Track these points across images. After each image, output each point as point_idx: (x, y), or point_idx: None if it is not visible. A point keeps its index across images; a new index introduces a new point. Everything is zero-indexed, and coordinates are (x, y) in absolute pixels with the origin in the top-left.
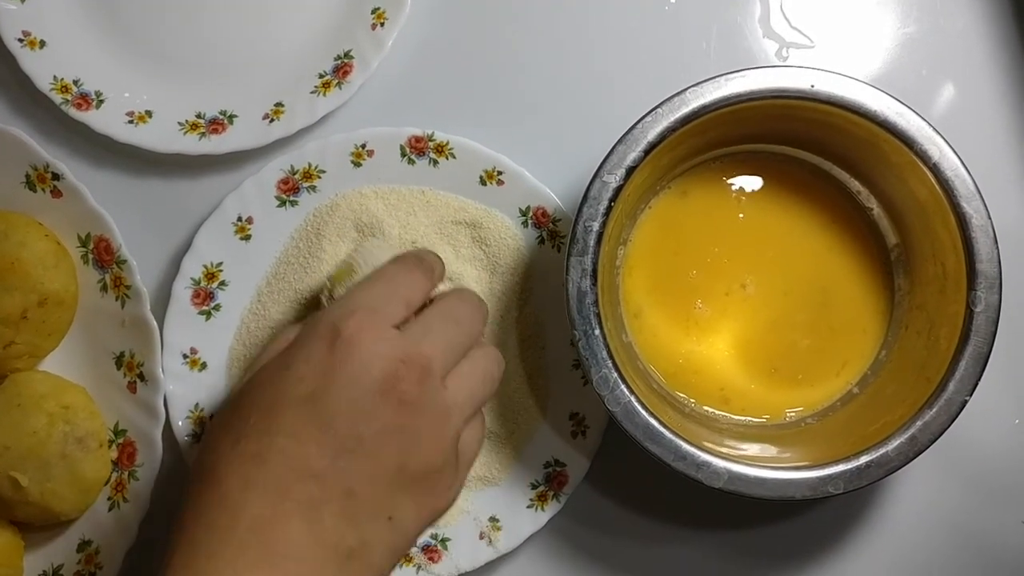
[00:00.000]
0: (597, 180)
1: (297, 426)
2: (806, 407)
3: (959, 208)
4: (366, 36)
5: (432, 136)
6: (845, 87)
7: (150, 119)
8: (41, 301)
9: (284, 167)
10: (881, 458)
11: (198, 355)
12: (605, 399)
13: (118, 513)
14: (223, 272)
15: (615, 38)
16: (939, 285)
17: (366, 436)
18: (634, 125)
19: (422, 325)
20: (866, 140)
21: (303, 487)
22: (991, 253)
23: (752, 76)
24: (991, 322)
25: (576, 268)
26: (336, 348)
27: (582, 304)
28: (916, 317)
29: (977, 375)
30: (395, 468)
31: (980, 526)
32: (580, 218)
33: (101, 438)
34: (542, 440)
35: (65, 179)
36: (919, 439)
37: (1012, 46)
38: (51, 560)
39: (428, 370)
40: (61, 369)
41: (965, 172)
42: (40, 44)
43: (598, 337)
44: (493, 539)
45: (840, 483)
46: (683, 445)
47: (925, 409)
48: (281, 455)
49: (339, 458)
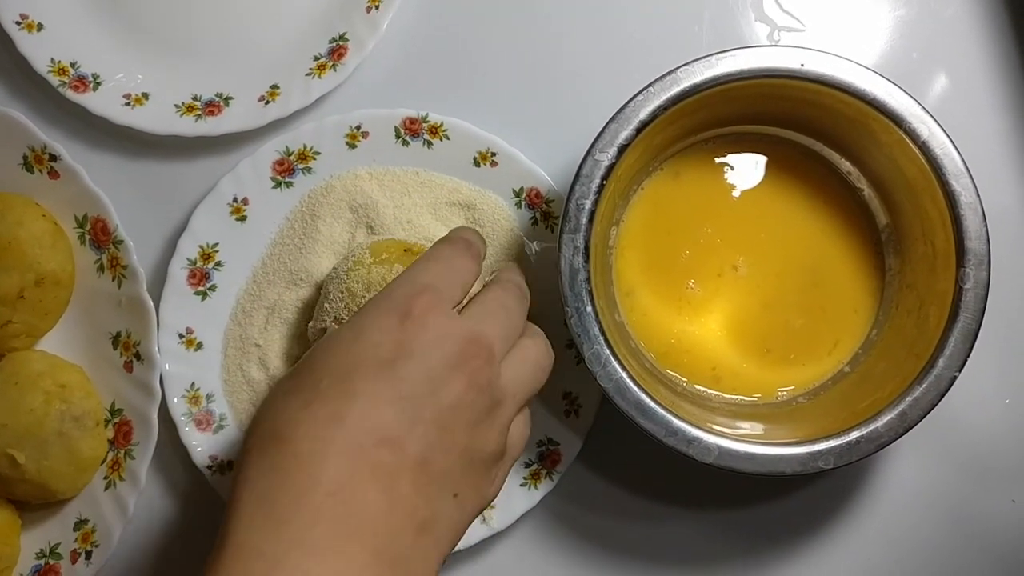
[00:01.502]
0: (589, 158)
1: (374, 390)
2: (797, 386)
3: (948, 186)
4: (361, 18)
5: (426, 118)
6: (835, 66)
7: (147, 101)
8: (38, 281)
9: (279, 148)
10: (871, 434)
11: (194, 335)
12: (597, 375)
13: (114, 492)
14: (219, 253)
15: (609, 21)
16: (929, 264)
17: (442, 407)
18: (626, 104)
19: (481, 309)
20: (856, 120)
21: (380, 452)
22: (979, 230)
23: (743, 55)
24: (980, 299)
25: (568, 246)
26: (407, 324)
27: (574, 281)
28: (906, 296)
29: (966, 351)
30: (464, 444)
31: (971, 506)
32: (572, 196)
33: (98, 417)
34: (535, 419)
35: (62, 160)
36: (909, 415)
37: (1003, 29)
38: (48, 538)
39: (492, 353)
40: (58, 348)
41: (954, 150)
42: (38, 27)
43: (590, 314)
44: (487, 517)
45: (830, 458)
46: (674, 421)
47: (915, 385)
48: (359, 417)
49: (416, 426)
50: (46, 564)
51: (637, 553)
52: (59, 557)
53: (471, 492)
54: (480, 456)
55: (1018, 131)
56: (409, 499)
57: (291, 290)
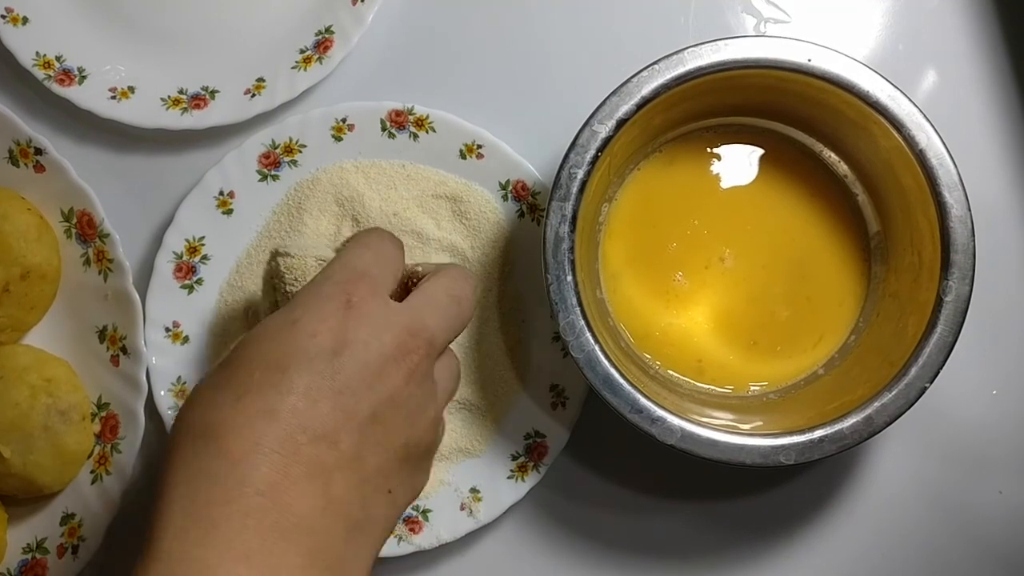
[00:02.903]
0: (587, 128)
1: (309, 383)
2: (771, 382)
3: (940, 196)
4: (347, 11)
5: (412, 110)
6: (841, 64)
7: (133, 95)
8: (24, 275)
9: (265, 141)
10: (836, 434)
11: (180, 328)
12: (570, 344)
13: (101, 486)
14: (205, 246)
15: (594, 13)
16: (914, 274)
17: (379, 401)
18: (629, 79)
19: (424, 299)
20: (857, 121)
21: (315, 449)
22: (967, 244)
23: (750, 43)
24: (959, 312)
25: (556, 213)
26: (345, 312)
27: (558, 249)
28: (888, 305)
29: (940, 362)
30: (401, 440)
31: (958, 497)
32: (566, 164)
33: (84, 411)
34: (522, 412)
35: (48, 154)
36: (875, 420)
37: (988, 21)
38: (34, 533)
39: (432, 345)
40: (44, 343)
41: (950, 161)
42: (23, 20)
43: (570, 283)
44: (474, 510)
45: (792, 454)
46: (640, 399)
47: (884, 392)
48: (292, 413)
49: (351, 421)
50: (32, 559)
51: (624, 545)
52: (46, 552)
53: (405, 487)
54: (415, 451)
55: (1004, 122)
56: (343, 499)
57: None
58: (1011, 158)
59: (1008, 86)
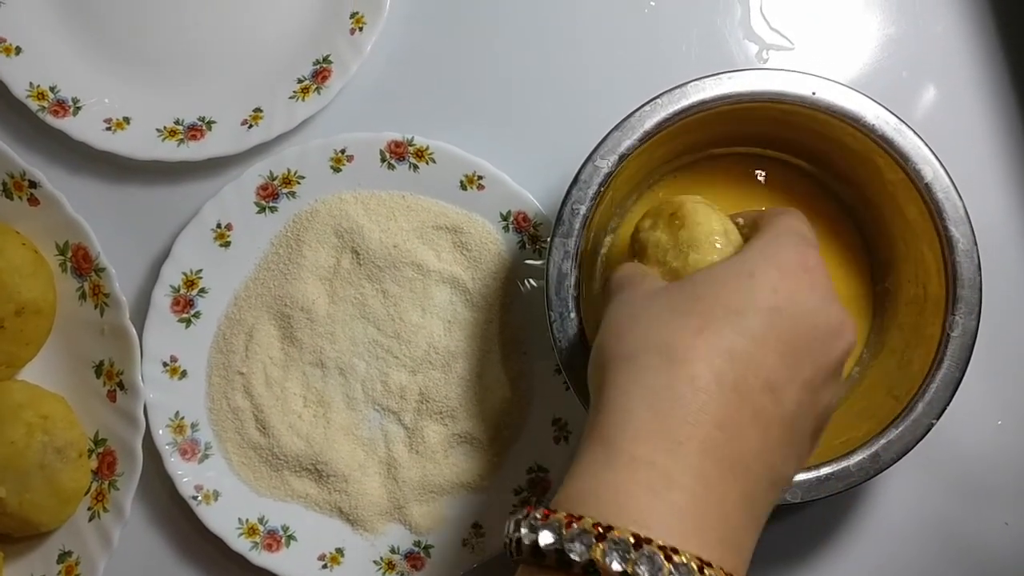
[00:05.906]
0: (589, 164)
1: (765, 333)
2: None
3: (947, 231)
4: (345, 41)
5: (412, 141)
6: (846, 97)
7: (128, 126)
8: (18, 310)
9: (263, 173)
10: (842, 471)
11: (178, 363)
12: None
13: (98, 523)
14: (203, 279)
15: (595, 42)
16: (919, 307)
17: (817, 370)
18: (631, 113)
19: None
20: (862, 154)
21: (762, 397)
22: (974, 279)
23: (754, 76)
24: (966, 347)
25: (559, 249)
26: (804, 275)
27: (561, 286)
28: (893, 337)
29: (947, 399)
30: (823, 413)
31: (964, 527)
32: (568, 200)
33: (80, 448)
34: (525, 446)
35: (42, 187)
36: (882, 457)
37: (992, 48)
38: (31, 571)
39: (851, 342)
40: (40, 378)
41: (956, 195)
42: (16, 51)
43: (573, 320)
44: (476, 546)
45: (798, 492)
46: None
47: (891, 428)
48: (747, 358)
49: (793, 381)
50: None
51: None
52: None
53: (803, 459)
54: (820, 427)
55: (1007, 148)
56: (774, 450)
57: (269, 315)
58: (1015, 187)
59: (1013, 114)
